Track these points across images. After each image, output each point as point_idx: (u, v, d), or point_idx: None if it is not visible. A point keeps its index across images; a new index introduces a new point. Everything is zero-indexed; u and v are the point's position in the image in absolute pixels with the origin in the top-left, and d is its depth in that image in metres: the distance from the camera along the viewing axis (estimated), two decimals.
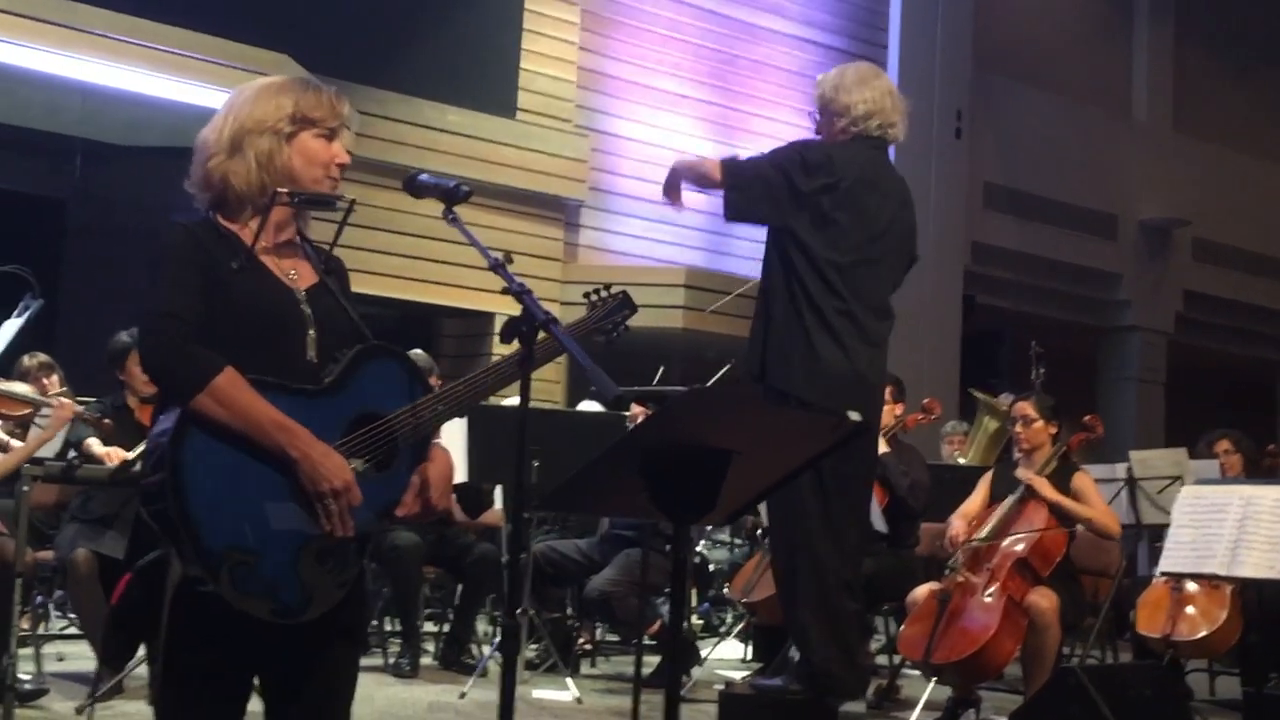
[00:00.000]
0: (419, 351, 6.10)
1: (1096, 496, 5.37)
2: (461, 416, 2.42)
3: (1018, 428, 5.45)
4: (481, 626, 6.90)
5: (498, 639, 6.50)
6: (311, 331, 2.31)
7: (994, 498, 5.42)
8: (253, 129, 2.34)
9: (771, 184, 4.01)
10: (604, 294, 2.77)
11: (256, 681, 2.31)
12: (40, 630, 5.89)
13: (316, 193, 2.36)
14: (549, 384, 9.18)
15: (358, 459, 2.26)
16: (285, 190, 2.32)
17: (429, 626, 6.99)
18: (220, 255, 2.27)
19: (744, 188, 4.05)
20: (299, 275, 2.37)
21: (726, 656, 7.37)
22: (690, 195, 4.42)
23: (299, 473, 2.15)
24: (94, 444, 5.06)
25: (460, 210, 2.44)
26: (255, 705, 2.32)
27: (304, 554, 2.17)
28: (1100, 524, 5.29)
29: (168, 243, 2.28)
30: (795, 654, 4.29)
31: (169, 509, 2.08)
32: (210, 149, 2.36)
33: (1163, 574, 5.25)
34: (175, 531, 2.09)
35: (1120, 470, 6.19)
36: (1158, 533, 6.31)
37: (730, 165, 4.10)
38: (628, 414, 5.64)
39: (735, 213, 4.12)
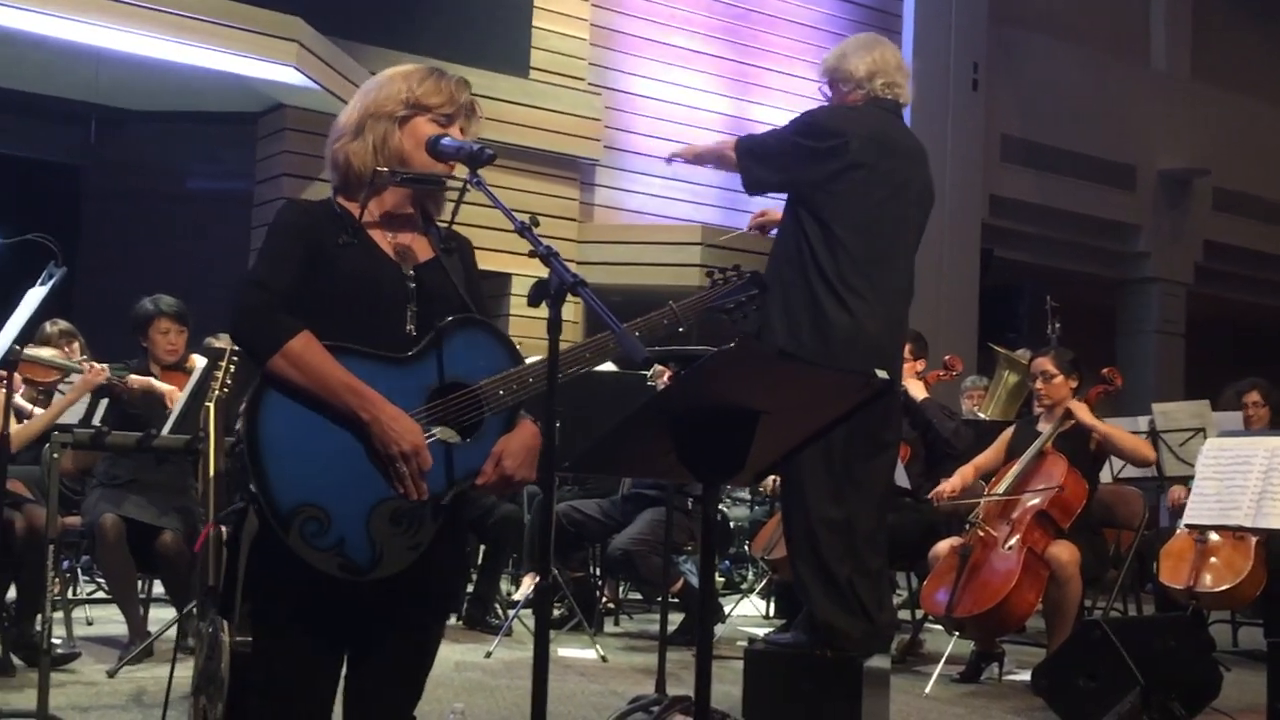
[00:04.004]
0: None
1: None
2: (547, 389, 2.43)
3: (1038, 383, 5.45)
4: (503, 586, 6.95)
5: (516, 596, 6.55)
6: (413, 305, 2.37)
7: (1013, 452, 5.42)
8: (374, 113, 2.43)
9: (783, 152, 4.08)
10: (728, 273, 2.81)
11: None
12: (69, 594, 5.96)
13: (420, 172, 2.42)
14: (566, 344, 9.19)
15: (440, 426, 2.30)
16: (385, 169, 2.40)
17: None
18: (331, 232, 2.37)
19: (757, 159, 4.15)
20: (412, 251, 2.44)
21: (748, 613, 7.42)
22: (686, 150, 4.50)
23: (370, 435, 2.21)
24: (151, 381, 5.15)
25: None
26: None
27: (376, 514, 2.23)
28: (1136, 449, 5.36)
29: (277, 219, 2.39)
30: None
31: (245, 464, 2.17)
32: (340, 131, 2.46)
33: (1187, 526, 5.26)
34: (250, 485, 2.17)
35: (1142, 423, 6.19)
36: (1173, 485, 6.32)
37: (743, 141, 4.22)
38: (649, 374, 5.63)
39: (753, 183, 4.22)
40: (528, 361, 2.41)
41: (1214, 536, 5.36)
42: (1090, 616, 5.25)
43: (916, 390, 5.89)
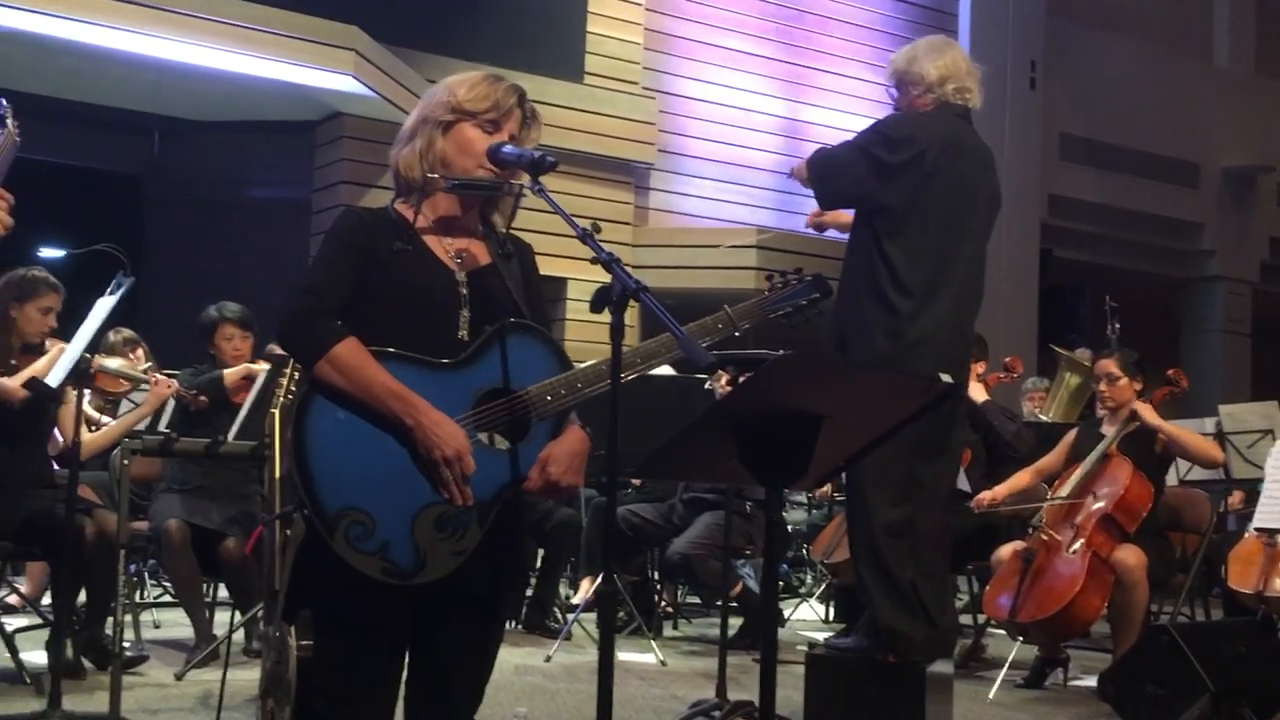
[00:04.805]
0: None
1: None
2: (597, 393, 2.43)
3: (1102, 386, 5.37)
4: (561, 590, 6.96)
5: (574, 600, 6.56)
6: (465, 311, 2.37)
7: (1076, 455, 5.36)
8: (424, 118, 2.45)
9: (856, 167, 3.99)
10: (789, 275, 2.80)
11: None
12: (136, 598, 6.05)
13: (474, 179, 2.43)
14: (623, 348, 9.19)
15: (486, 431, 2.30)
16: (436, 175, 2.41)
17: None
18: (385, 238, 2.39)
19: (830, 177, 4.08)
20: (469, 257, 2.45)
21: (807, 618, 7.39)
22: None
23: (414, 440, 2.22)
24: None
25: None
26: None
27: (421, 519, 2.24)
28: (1204, 451, 5.26)
29: (333, 226, 2.42)
30: None
31: (292, 468, 2.19)
32: (398, 138, 2.49)
33: (1256, 529, 5.17)
34: (298, 489, 2.20)
35: (1209, 425, 6.09)
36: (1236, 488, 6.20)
37: (814, 158, 4.13)
38: (709, 378, 5.62)
39: (828, 201, 4.15)
40: (576, 367, 2.41)
41: None
42: (1157, 621, 5.17)
43: (977, 393, 5.83)
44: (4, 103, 2.83)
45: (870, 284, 3.94)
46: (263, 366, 5.16)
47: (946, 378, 2.53)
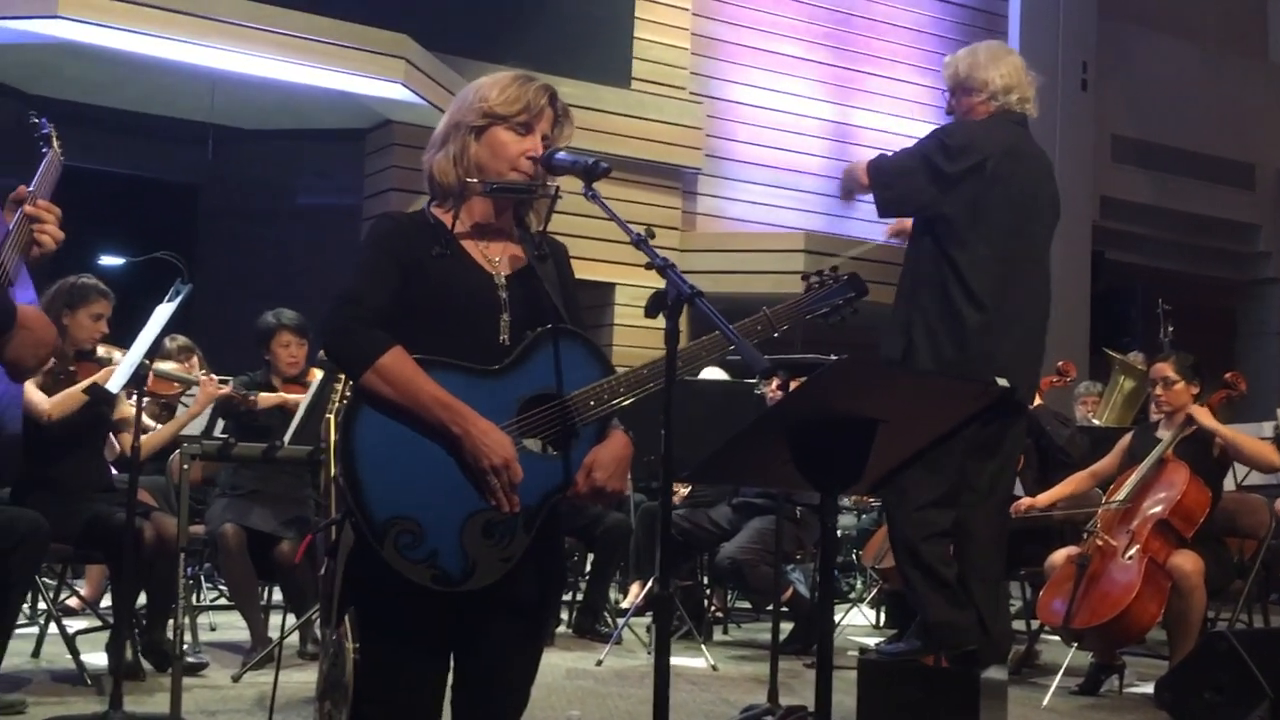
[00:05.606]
0: None
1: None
2: (639, 397, 2.43)
3: (1158, 390, 5.32)
4: (611, 594, 6.98)
5: (624, 604, 6.57)
6: (505, 315, 2.38)
7: (1131, 459, 5.30)
8: (457, 123, 2.46)
9: (917, 175, 3.99)
10: (825, 275, 2.80)
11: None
12: (193, 601, 6.13)
13: (511, 182, 2.43)
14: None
15: (531, 438, 2.31)
16: (476, 180, 2.41)
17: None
18: (423, 243, 2.39)
19: (890, 184, 4.06)
20: (505, 260, 2.45)
21: (857, 623, 7.35)
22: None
23: (462, 448, 2.23)
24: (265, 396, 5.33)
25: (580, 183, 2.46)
26: None
27: (469, 527, 2.25)
28: (1261, 455, 5.20)
29: (371, 232, 2.42)
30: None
31: (341, 477, 2.20)
32: (430, 143, 2.49)
33: None
34: (347, 498, 2.21)
35: (1267, 429, 6.01)
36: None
37: (874, 165, 4.11)
38: (760, 383, 5.61)
39: (886, 209, 4.14)
40: (618, 372, 2.41)
41: None
42: (1214, 628, 5.10)
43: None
44: (46, 122, 2.88)
45: (940, 295, 3.93)
46: (299, 396, 5.22)
47: (1003, 382, 2.53)
